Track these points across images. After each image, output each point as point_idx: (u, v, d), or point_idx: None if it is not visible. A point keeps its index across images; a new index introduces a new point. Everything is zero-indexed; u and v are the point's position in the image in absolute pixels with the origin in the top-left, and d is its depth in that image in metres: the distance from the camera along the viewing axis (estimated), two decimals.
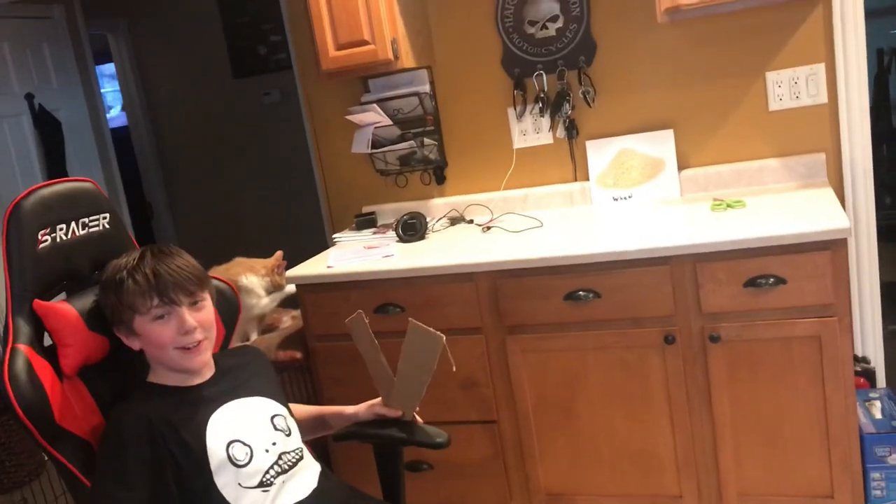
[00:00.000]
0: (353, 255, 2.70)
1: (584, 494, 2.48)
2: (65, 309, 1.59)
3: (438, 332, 1.69)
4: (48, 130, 4.25)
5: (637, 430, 2.37)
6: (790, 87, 2.63)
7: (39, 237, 1.59)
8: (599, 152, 2.87)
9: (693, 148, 2.77)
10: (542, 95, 2.87)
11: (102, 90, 5.70)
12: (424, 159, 3.05)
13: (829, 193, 2.45)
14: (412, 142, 3.00)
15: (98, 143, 4.65)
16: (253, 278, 2.97)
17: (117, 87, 5.81)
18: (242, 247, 3.31)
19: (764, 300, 2.16)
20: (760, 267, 2.15)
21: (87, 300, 1.64)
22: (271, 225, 5.14)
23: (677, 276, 2.23)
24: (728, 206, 2.47)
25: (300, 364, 2.79)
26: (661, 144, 2.78)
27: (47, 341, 1.59)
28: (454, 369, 1.78)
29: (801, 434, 2.23)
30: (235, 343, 2.79)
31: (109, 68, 5.90)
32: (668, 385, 2.30)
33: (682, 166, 2.78)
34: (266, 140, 5.18)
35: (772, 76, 2.65)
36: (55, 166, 4.23)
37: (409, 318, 1.73)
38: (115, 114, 6.46)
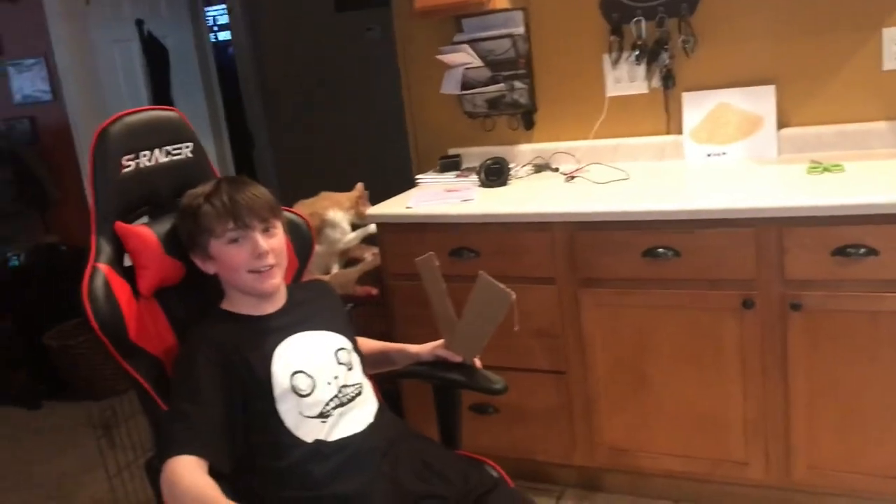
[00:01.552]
0: (433, 196, 2.71)
1: (648, 452, 2.46)
2: (144, 232, 1.66)
3: (508, 290, 1.68)
4: (155, 57, 4.39)
5: (707, 393, 2.32)
6: None
7: (123, 162, 1.66)
8: (695, 105, 2.76)
9: (795, 106, 2.63)
10: (639, 43, 2.77)
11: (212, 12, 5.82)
12: (514, 103, 3.00)
13: None
14: (502, 85, 2.96)
15: (202, 72, 4.78)
16: (339, 213, 3.04)
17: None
18: (335, 180, 3.36)
19: (852, 271, 2.06)
20: (852, 236, 2.04)
21: (167, 225, 1.70)
22: (364, 161, 5.20)
23: (762, 239, 2.15)
24: (825, 169, 2.34)
25: (376, 300, 2.84)
26: (762, 100, 2.65)
27: (127, 262, 1.66)
28: (516, 328, 1.77)
29: (881, 412, 2.14)
30: (315, 274, 2.88)
31: None
32: (742, 350, 2.24)
33: (781, 125, 2.64)
34: (365, 76, 5.20)
35: (889, 33, 2.47)
36: (160, 92, 4.38)
37: (480, 271, 1.72)
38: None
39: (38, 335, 3.97)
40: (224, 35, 6.32)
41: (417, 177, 3.09)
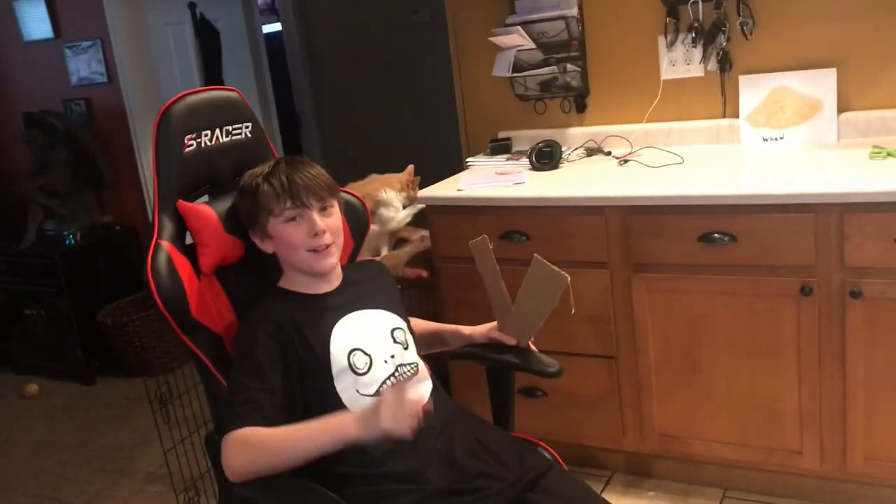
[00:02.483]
0: (483, 179, 2.70)
1: (699, 439, 2.44)
2: (205, 211, 1.68)
3: (563, 272, 1.67)
4: (207, 39, 4.44)
5: (761, 380, 2.29)
6: None
7: (186, 141, 1.68)
8: (753, 88, 2.71)
9: (856, 89, 2.57)
10: (695, 25, 2.72)
11: None
12: (566, 86, 2.97)
13: None
14: (555, 67, 2.93)
15: (252, 54, 4.81)
16: (391, 193, 3.05)
17: None
18: (382, 163, 3.37)
19: None
20: None
21: (227, 204, 1.72)
22: (412, 143, 5.21)
23: (822, 225, 2.11)
24: (888, 154, 2.28)
25: (426, 282, 2.85)
26: (821, 84, 2.59)
27: (188, 240, 1.69)
28: (573, 311, 1.76)
29: None
30: (366, 256, 2.90)
31: None
32: (799, 338, 2.21)
33: (841, 109, 2.59)
34: (412, 59, 5.19)
35: None
36: (212, 74, 4.43)
37: (535, 254, 1.71)
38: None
39: (93, 313, 4.07)
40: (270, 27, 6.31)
41: (468, 159, 3.09)
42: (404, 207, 3.06)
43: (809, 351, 2.21)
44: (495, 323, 1.83)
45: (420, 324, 1.92)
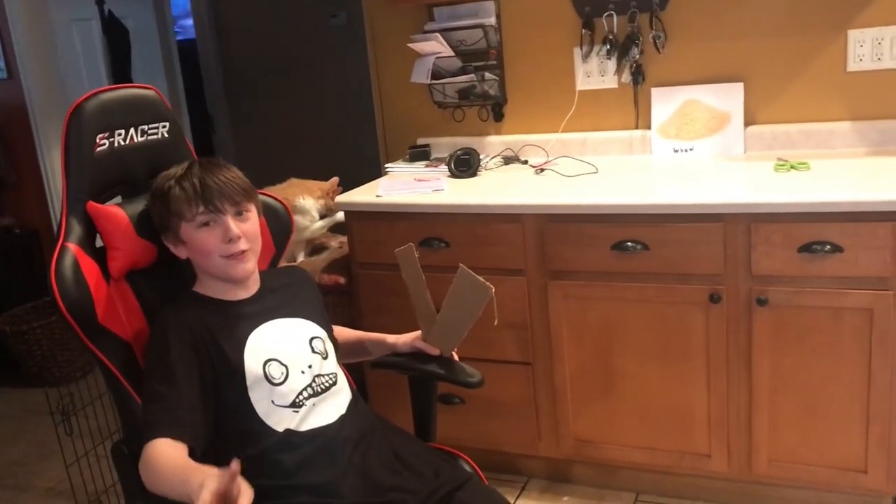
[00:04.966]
0: (402, 186, 2.69)
1: (613, 444, 2.48)
2: (116, 213, 1.62)
3: (488, 284, 1.67)
4: (116, 37, 4.30)
5: (672, 386, 2.35)
6: (873, 47, 2.50)
7: (97, 140, 1.61)
8: (664, 101, 2.79)
9: (762, 104, 2.68)
10: (610, 37, 2.78)
11: None
12: (484, 94, 3.00)
13: None
14: (473, 75, 2.95)
15: (164, 54, 4.68)
16: (309, 200, 3.01)
17: None
18: (298, 168, 3.32)
19: (818, 267, 2.11)
20: (818, 233, 2.09)
21: (140, 206, 1.66)
22: (329, 149, 5.16)
23: (730, 234, 2.18)
24: (792, 167, 2.39)
25: (343, 289, 2.82)
26: (729, 98, 2.69)
27: (99, 243, 1.62)
28: (496, 322, 1.76)
29: (841, 406, 2.19)
30: (282, 263, 2.85)
31: None
32: (708, 344, 2.27)
33: (748, 122, 2.69)
34: (329, 63, 5.15)
35: (854, 34, 2.52)
36: (121, 73, 4.29)
37: (460, 264, 1.70)
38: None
39: None
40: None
41: (387, 165, 3.08)
42: (322, 216, 3.02)
43: (717, 357, 2.28)
44: (419, 332, 1.81)
45: (343, 332, 1.89)
